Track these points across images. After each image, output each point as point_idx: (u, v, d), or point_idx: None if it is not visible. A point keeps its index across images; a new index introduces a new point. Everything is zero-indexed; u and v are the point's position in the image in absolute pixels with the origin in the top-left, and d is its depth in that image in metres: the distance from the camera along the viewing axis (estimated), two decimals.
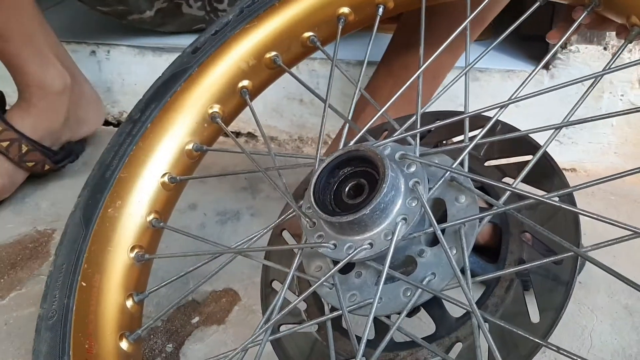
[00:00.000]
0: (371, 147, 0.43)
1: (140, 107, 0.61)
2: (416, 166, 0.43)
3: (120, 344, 0.50)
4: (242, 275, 0.72)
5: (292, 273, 0.45)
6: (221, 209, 0.87)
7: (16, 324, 0.69)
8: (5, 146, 0.84)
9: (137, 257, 0.54)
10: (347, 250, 0.42)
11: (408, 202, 0.41)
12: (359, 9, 0.59)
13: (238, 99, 0.61)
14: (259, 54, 0.60)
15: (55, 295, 0.52)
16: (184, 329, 0.67)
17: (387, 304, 0.42)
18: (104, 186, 0.57)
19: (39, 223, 0.86)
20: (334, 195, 0.44)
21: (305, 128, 1.03)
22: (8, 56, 0.83)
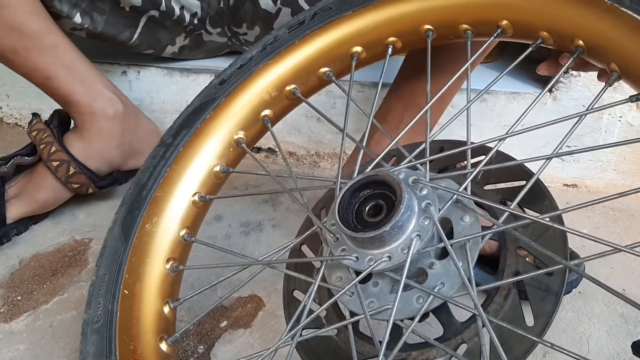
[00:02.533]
0: (388, 172, 0.50)
1: (172, 133, 0.67)
2: (427, 190, 0.50)
3: (160, 345, 0.55)
4: (266, 282, 0.78)
5: (317, 283, 0.52)
6: (244, 220, 0.94)
7: (60, 326, 0.75)
8: (55, 166, 0.89)
9: (171, 268, 0.60)
10: (368, 262, 0.48)
11: (421, 221, 0.48)
12: (371, 48, 0.65)
13: (260, 125, 0.68)
14: (280, 86, 0.67)
15: (100, 302, 0.57)
16: (213, 332, 0.73)
17: (402, 309, 0.48)
18: (140, 204, 0.63)
19: (76, 233, 0.92)
20: (355, 214, 0.51)
21: (322, 144, 1.10)
22: (54, 91, 0.89)
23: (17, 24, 0.82)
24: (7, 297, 0.80)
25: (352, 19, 0.65)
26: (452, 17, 0.60)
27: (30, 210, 0.91)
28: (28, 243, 0.90)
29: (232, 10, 1.00)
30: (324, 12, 0.67)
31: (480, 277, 0.61)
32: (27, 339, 0.73)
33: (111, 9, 0.94)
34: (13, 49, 0.84)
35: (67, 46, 0.89)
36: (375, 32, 0.64)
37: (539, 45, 0.56)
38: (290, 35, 0.67)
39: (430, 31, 0.61)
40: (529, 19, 0.56)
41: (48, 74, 0.87)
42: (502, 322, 0.44)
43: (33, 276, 0.84)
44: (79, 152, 0.91)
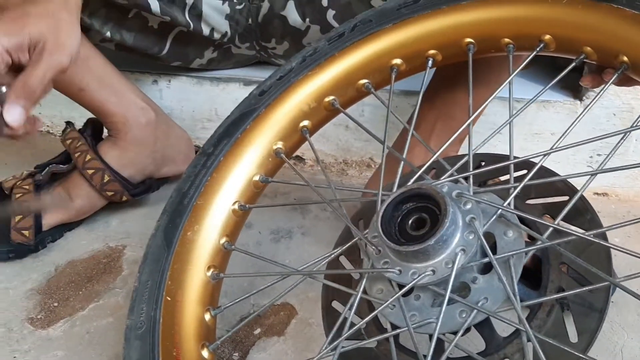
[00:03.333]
0: (432, 186, 0.50)
1: (213, 142, 0.68)
2: (471, 204, 0.50)
3: (202, 352, 0.56)
4: (297, 290, 0.78)
5: (358, 295, 0.52)
6: (274, 227, 0.94)
7: (96, 332, 0.76)
8: (90, 174, 0.91)
9: (212, 275, 0.61)
10: (412, 275, 0.49)
11: (465, 235, 0.48)
12: (410, 60, 0.66)
13: (299, 136, 0.69)
14: (319, 98, 0.68)
15: (143, 308, 0.58)
16: (247, 339, 0.74)
17: (445, 323, 0.49)
18: (182, 212, 0.64)
19: (110, 240, 0.93)
20: (398, 227, 0.51)
21: (350, 152, 1.10)
22: (88, 102, 0.91)
23: None
24: (44, 303, 0.82)
25: (393, 32, 0.65)
26: (493, 31, 0.60)
27: (65, 218, 0.93)
28: (63, 250, 0.92)
29: (261, 27, 1.02)
30: (363, 24, 0.68)
31: (522, 292, 0.61)
32: (64, 345, 0.75)
33: (140, 27, 0.96)
34: None
35: (98, 58, 0.91)
36: (416, 45, 0.64)
37: (582, 61, 0.56)
38: (330, 47, 0.68)
39: (472, 45, 0.61)
40: (572, 35, 0.56)
41: (81, 86, 0.89)
42: (547, 338, 0.44)
43: (69, 283, 0.85)
44: (113, 161, 0.93)
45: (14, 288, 0.84)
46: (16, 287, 0.84)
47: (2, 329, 0.77)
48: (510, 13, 0.59)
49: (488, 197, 0.52)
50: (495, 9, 0.60)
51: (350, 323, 0.52)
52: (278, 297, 0.57)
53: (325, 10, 0.93)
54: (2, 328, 0.77)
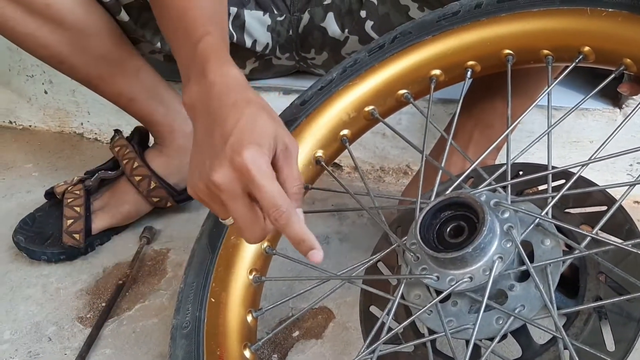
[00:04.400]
0: (470, 194, 0.51)
1: None
2: (509, 213, 0.51)
3: (244, 352, 0.58)
4: (335, 295, 0.79)
5: (397, 301, 0.54)
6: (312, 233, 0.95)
7: (142, 332, 0.80)
8: (138, 180, 0.95)
9: (254, 278, 0.63)
10: (449, 282, 0.50)
11: (503, 243, 0.49)
12: (449, 71, 0.67)
13: (338, 144, 0.70)
14: (358, 108, 0.70)
15: (188, 308, 0.61)
16: (286, 341, 0.76)
17: (482, 329, 0.50)
18: None
19: (155, 243, 0.97)
20: (436, 234, 0.52)
21: (386, 159, 1.11)
22: (136, 111, 0.95)
23: (103, 52, 0.87)
24: (93, 303, 0.85)
25: (432, 43, 0.67)
26: (533, 42, 0.61)
27: (114, 222, 0.97)
28: (110, 252, 0.96)
29: (301, 38, 1.04)
30: (403, 36, 0.69)
31: (559, 300, 0.61)
32: (112, 344, 0.78)
33: None
34: (100, 75, 0.90)
35: (148, 69, 0.94)
36: (455, 56, 0.66)
37: (621, 72, 0.56)
38: (370, 58, 0.70)
39: (511, 56, 0.62)
40: (612, 46, 0.56)
41: (131, 97, 0.93)
42: (584, 346, 0.45)
43: (116, 284, 0.88)
44: (159, 168, 0.97)
45: (65, 288, 0.88)
46: (67, 288, 0.88)
47: (54, 327, 0.81)
48: (549, 25, 0.60)
49: (526, 206, 0.53)
50: (534, 21, 0.61)
51: (387, 328, 0.54)
52: (317, 301, 0.59)
53: (364, 21, 0.95)
54: (54, 326, 0.81)
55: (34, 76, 1.32)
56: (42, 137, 1.33)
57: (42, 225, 0.95)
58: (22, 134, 1.35)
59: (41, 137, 1.33)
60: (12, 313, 0.84)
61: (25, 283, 0.89)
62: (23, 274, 0.91)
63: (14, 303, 0.86)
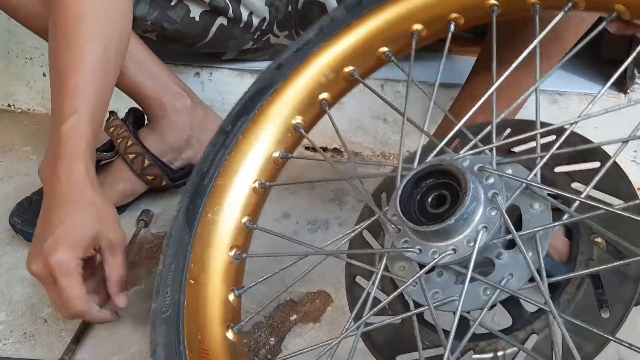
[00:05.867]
0: (452, 161, 0.48)
1: (231, 120, 0.67)
2: (494, 178, 0.48)
3: (227, 334, 0.56)
4: (333, 278, 0.80)
5: (380, 273, 0.51)
6: (311, 218, 0.95)
7: (138, 315, 0.78)
8: (132, 158, 0.93)
9: (235, 255, 0.61)
10: (432, 255, 0.47)
11: (488, 212, 0.46)
12: (432, 25, 0.63)
13: (318, 109, 0.67)
14: (337, 69, 0.66)
15: (167, 291, 0.59)
16: (283, 325, 0.75)
17: (469, 301, 0.47)
18: (202, 192, 0.63)
19: (152, 227, 0.96)
20: (417, 205, 0.49)
21: (388, 145, 1.09)
22: (126, 85, 0.93)
23: None
24: None
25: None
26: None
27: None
28: None
29: (300, 14, 1.01)
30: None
31: (551, 265, 0.59)
32: (108, 326, 0.76)
33: (182, 19, 0.96)
34: None
35: (138, 44, 0.93)
36: (437, 9, 0.61)
37: (613, 20, 0.52)
38: (348, 15, 0.65)
39: (496, 6, 0.58)
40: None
41: (121, 69, 0.89)
42: (574, 320, 0.42)
43: None
44: (153, 145, 0.95)
45: None
46: None
47: (49, 309, 0.80)
48: None
49: (513, 168, 0.50)
50: None
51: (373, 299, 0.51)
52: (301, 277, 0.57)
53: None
54: (50, 308, 0.80)
55: (33, 59, 1.29)
56: (41, 121, 1.31)
57: (39, 208, 0.92)
58: (20, 117, 1.33)
59: (39, 121, 1.31)
60: (8, 295, 0.83)
61: (21, 265, 0.88)
62: (19, 256, 0.90)
63: (9, 285, 0.85)
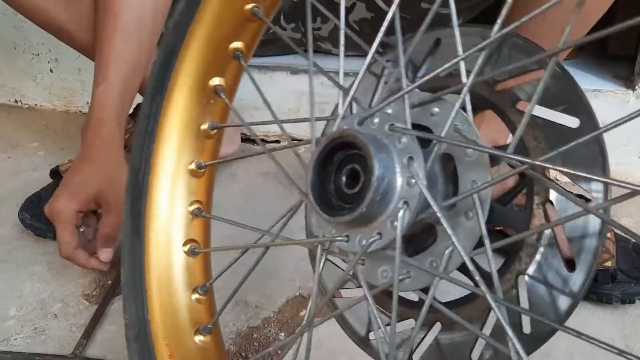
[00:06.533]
0: (351, 130, 0.39)
1: (147, 102, 0.60)
2: (407, 138, 0.39)
3: (195, 339, 0.54)
4: None
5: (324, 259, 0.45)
6: None
7: None
8: (127, 138, 0.92)
9: (191, 250, 0.57)
10: (360, 242, 0.41)
11: (407, 182, 0.38)
12: None
13: (235, 65, 0.58)
14: (238, 11, 0.55)
15: (132, 307, 0.56)
16: (293, 320, 0.74)
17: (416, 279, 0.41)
18: (141, 191, 0.58)
19: None
20: (334, 185, 0.42)
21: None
22: None
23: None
24: (99, 280, 0.85)
25: None
26: None
27: None
28: None
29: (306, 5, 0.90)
30: None
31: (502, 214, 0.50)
32: (118, 321, 0.77)
33: None
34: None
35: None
36: None
37: None
38: None
39: None
40: None
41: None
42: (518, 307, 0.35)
43: None
44: None
45: (70, 266, 0.86)
46: (72, 265, 0.86)
47: (59, 304, 0.81)
48: None
49: (439, 105, 0.40)
50: None
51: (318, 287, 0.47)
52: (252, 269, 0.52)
53: None
54: (60, 303, 0.81)
55: (40, 54, 1.29)
56: (48, 116, 1.31)
57: None
58: (27, 113, 1.33)
59: (47, 116, 1.31)
60: (18, 290, 0.84)
61: (30, 260, 0.89)
62: (29, 251, 0.91)
63: (19, 280, 0.86)
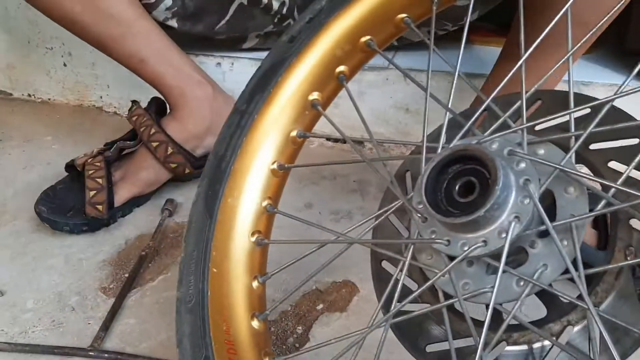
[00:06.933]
0: (479, 146, 0.45)
1: (245, 99, 0.64)
2: (526, 163, 0.45)
3: (252, 323, 0.56)
4: (358, 268, 0.79)
5: (407, 261, 0.49)
6: (334, 208, 0.95)
7: (165, 302, 0.79)
8: (155, 146, 0.94)
9: (257, 241, 0.59)
10: (462, 247, 0.45)
11: (520, 200, 0.44)
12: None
13: (335, 84, 0.64)
14: (353, 39, 0.62)
15: (191, 280, 0.58)
16: (310, 314, 0.75)
17: (501, 293, 0.45)
18: (220, 177, 0.61)
19: (176, 216, 0.96)
20: (444, 193, 0.47)
21: (409, 135, 1.07)
22: (147, 74, 0.95)
23: (114, 12, 0.89)
24: (116, 274, 0.84)
25: None
26: None
27: (135, 191, 0.96)
28: (132, 225, 0.95)
29: None
30: None
31: (587, 253, 0.56)
32: (135, 314, 0.77)
33: None
34: (111, 36, 0.90)
35: (158, 32, 0.94)
36: None
37: None
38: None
39: None
40: None
41: (141, 58, 0.92)
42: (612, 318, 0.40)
43: (139, 255, 0.87)
44: (175, 134, 0.95)
45: (87, 259, 0.88)
46: (89, 258, 0.88)
47: (77, 297, 0.80)
48: None
49: (545, 149, 0.47)
50: None
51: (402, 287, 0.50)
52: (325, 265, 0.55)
53: None
54: (77, 296, 0.81)
55: (53, 48, 1.29)
56: (61, 111, 1.31)
57: (64, 197, 0.94)
58: (41, 107, 1.34)
59: (60, 111, 1.31)
60: (35, 282, 0.83)
61: (47, 253, 0.89)
62: (45, 244, 0.91)
63: (36, 273, 0.85)
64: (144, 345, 0.73)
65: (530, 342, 0.46)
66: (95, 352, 0.71)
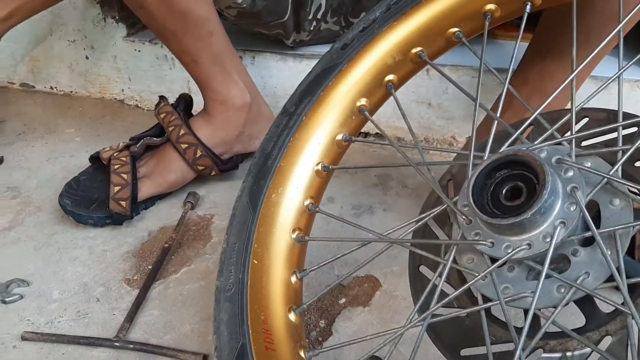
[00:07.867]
0: (529, 152, 0.46)
1: (294, 101, 0.66)
2: (573, 171, 0.46)
3: (289, 316, 0.57)
4: (381, 263, 0.79)
5: (448, 265, 0.50)
6: (356, 202, 0.95)
7: (189, 294, 0.80)
8: (184, 148, 0.95)
9: (297, 238, 0.61)
10: (505, 249, 0.46)
11: (566, 207, 0.44)
12: (506, 5, 0.60)
13: (383, 92, 0.65)
14: (405, 50, 0.64)
15: (231, 270, 0.59)
16: (333, 308, 0.75)
17: (541, 298, 0.46)
18: (266, 173, 0.63)
19: (199, 209, 0.97)
20: (491, 196, 0.48)
21: (431, 130, 1.07)
22: (198, 75, 0.94)
23: (185, 9, 0.86)
24: (139, 266, 0.86)
25: None
26: None
27: (160, 190, 0.97)
28: (155, 217, 0.96)
29: (354, 2, 1.01)
30: None
31: (629, 265, 0.56)
32: (159, 306, 0.78)
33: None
34: (173, 31, 0.89)
35: (220, 35, 0.93)
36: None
37: None
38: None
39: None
40: None
41: (196, 59, 0.92)
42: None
43: (162, 247, 0.88)
44: (206, 138, 0.96)
45: (111, 251, 0.89)
46: (113, 250, 0.89)
47: (101, 288, 0.82)
48: None
49: (592, 161, 0.48)
50: None
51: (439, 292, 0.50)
52: (365, 263, 0.56)
53: None
54: (102, 287, 0.82)
55: (76, 41, 1.30)
56: (83, 103, 1.33)
57: (87, 189, 0.95)
58: (63, 99, 1.35)
59: (82, 103, 1.33)
60: (60, 274, 0.84)
61: (71, 245, 0.90)
62: (69, 235, 0.92)
63: (61, 264, 0.86)
64: (168, 337, 0.73)
65: (566, 350, 0.46)
66: (120, 342, 0.72)
